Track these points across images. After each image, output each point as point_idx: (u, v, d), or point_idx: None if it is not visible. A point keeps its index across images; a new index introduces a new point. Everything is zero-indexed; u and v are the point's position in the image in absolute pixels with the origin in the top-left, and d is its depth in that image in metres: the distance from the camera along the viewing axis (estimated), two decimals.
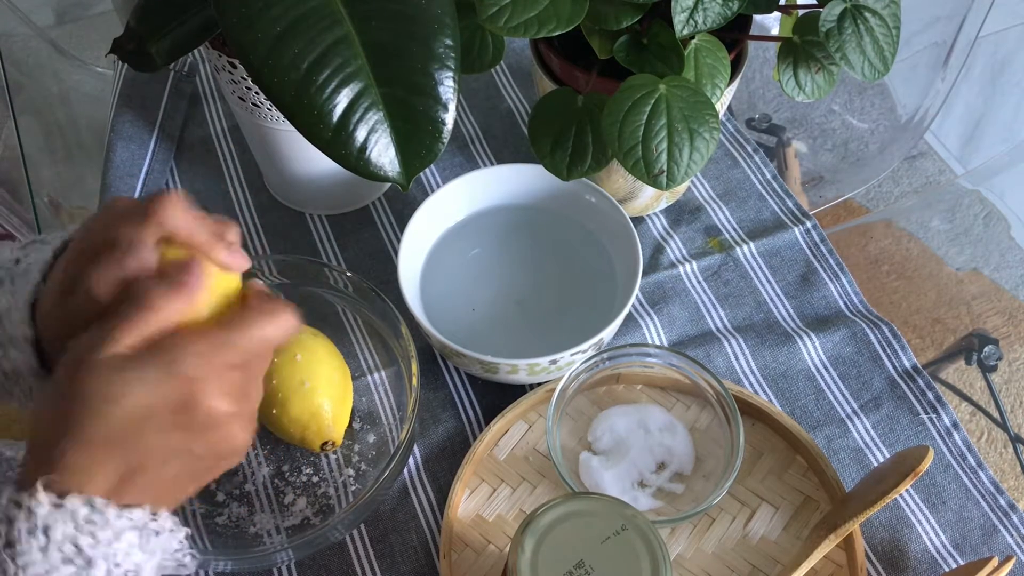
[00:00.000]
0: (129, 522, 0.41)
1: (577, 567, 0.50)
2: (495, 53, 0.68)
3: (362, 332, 0.74)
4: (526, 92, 0.92)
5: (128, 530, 0.41)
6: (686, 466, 0.66)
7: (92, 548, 0.40)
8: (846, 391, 0.73)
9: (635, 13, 0.61)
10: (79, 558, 0.40)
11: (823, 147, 1.34)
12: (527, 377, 0.67)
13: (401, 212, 0.83)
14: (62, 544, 0.39)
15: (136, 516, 0.41)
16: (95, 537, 0.40)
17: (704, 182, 0.85)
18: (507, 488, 0.67)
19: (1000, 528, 0.66)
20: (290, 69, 0.50)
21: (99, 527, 0.40)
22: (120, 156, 0.84)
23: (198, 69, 0.93)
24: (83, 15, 1.81)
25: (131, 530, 0.41)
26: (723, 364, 0.74)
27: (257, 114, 0.71)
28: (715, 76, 0.65)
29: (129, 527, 0.41)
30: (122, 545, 0.41)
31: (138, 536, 0.41)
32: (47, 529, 0.39)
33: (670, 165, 0.62)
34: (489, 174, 0.75)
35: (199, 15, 0.63)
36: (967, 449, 0.70)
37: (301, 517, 0.66)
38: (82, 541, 0.40)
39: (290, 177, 0.79)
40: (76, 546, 0.40)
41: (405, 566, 0.65)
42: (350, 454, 0.68)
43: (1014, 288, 1.14)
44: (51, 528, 0.39)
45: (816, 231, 0.81)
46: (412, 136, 0.52)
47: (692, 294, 0.78)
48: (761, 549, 0.64)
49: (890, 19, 0.63)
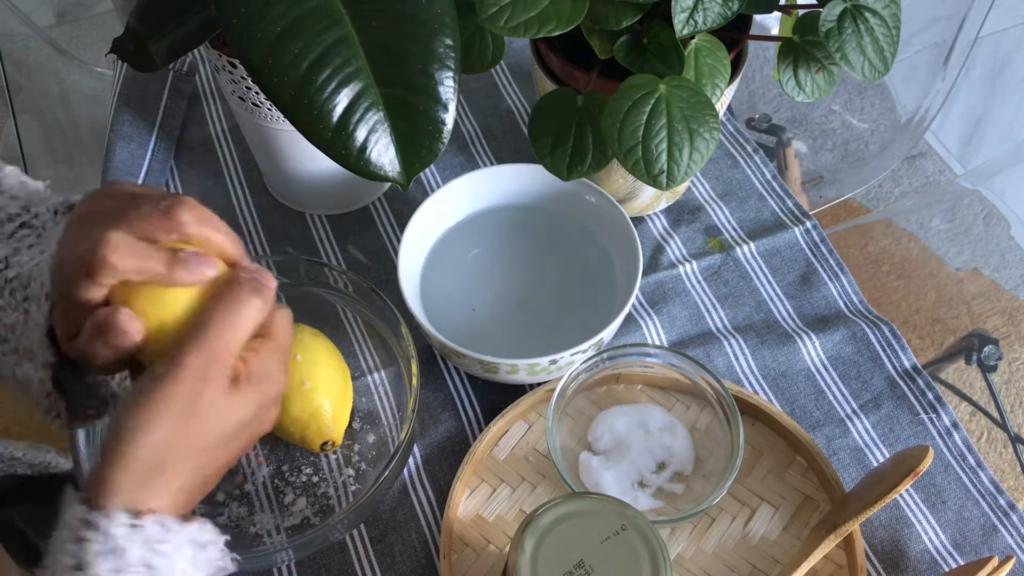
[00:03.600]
0: (187, 536, 0.41)
1: (577, 567, 0.50)
2: (495, 53, 0.68)
3: (362, 332, 0.74)
4: (526, 92, 0.92)
5: (186, 544, 0.41)
6: (686, 466, 0.66)
7: (164, 567, 0.40)
8: (846, 391, 0.73)
9: (635, 13, 0.61)
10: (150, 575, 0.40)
11: (823, 147, 1.34)
12: (527, 377, 0.67)
13: (401, 212, 0.83)
14: (135, 566, 0.39)
15: (192, 530, 0.41)
16: (166, 556, 0.40)
17: (704, 182, 0.85)
18: (507, 488, 0.67)
19: (1000, 528, 0.66)
20: (290, 69, 0.50)
21: (170, 545, 0.40)
22: (120, 156, 0.84)
23: (198, 69, 0.93)
24: (83, 15, 1.81)
25: (188, 544, 0.41)
26: (723, 364, 0.74)
27: (257, 114, 0.71)
28: (715, 76, 0.65)
29: (187, 541, 0.41)
30: (182, 561, 0.41)
31: (192, 549, 0.41)
32: (123, 552, 0.39)
33: (670, 165, 0.62)
34: (489, 174, 0.75)
35: (199, 15, 0.63)
36: (967, 449, 0.70)
37: (301, 517, 0.66)
38: (155, 561, 0.39)
39: (290, 177, 0.79)
40: (147, 566, 0.39)
41: (405, 566, 0.65)
42: (350, 454, 0.68)
43: (1014, 288, 1.14)
44: (127, 550, 0.39)
45: (816, 231, 0.81)
46: (412, 136, 0.52)
47: (692, 294, 0.78)
48: (761, 549, 0.64)
49: (890, 19, 0.63)
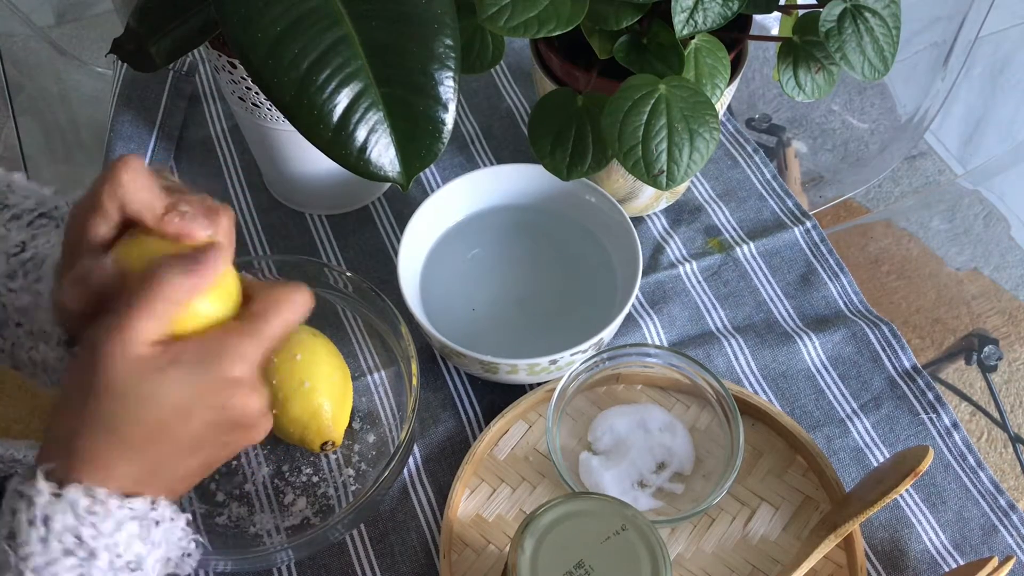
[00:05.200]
0: (130, 512, 0.40)
1: (577, 567, 0.50)
2: (495, 53, 0.68)
3: (362, 332, 0.74)
4: (526, 92, 0.92)
5: (129, 520, 0.40)
6: (686, 466, 0.66)
7: (94, 539, 0.39)
8: (846, 391, 0.73)
9: (635, 13, 0.61)
10: (81, 549, 0.39)
11: (823, 147, 1.34)
12: (527, 377, 0.67)
13: (401, 212, 0.83)
14: (62, 535, 0.39)
15: (137, 506, 0.41)
16: (96, 528, 0.39)
17: (704, 182, 0.85)
18: (507, 488, 0.67)
19: (1000, 528, 0.66)
20: (290, 69, 0.50)
21: (100, 518, 0.39)
22: (120, 156, 0.84)
23: (198, 69, 0.93)
24: (83, 15, 1.81)
25: (132, 520, 0.40)
26: (723, 364, 0.74)
27: (257, 114, 0.71)
28: (715, 76, 0.65)
29: (130, 517, 0.40)
30: (123, 536, 0.40)
31: (139, 526, 0.41)
32: (46, 519, 0.38)
33: (670, 165, 0.62)
34: (489, 174, 0.75)
35: (199, 15, 0.63)
36: (967, 449, 0.70)
37: (301, 517, 0.66)
38: (84, 532, 0.39)
39: (290, 177, 0.79)
40: (77, 537, 0.39)
41: (405, 566, 0.65)
42: (350, 454, 0.68)
43: (1014, 288, 1.14)
44: (51, 518, 0.38)
45: (816, 231, 0.81)
46: (412, 136, 0.52)
47: (692, 294, 0.78)
48: (761, 549, 0.64)
49: (890, 19, 0.63)
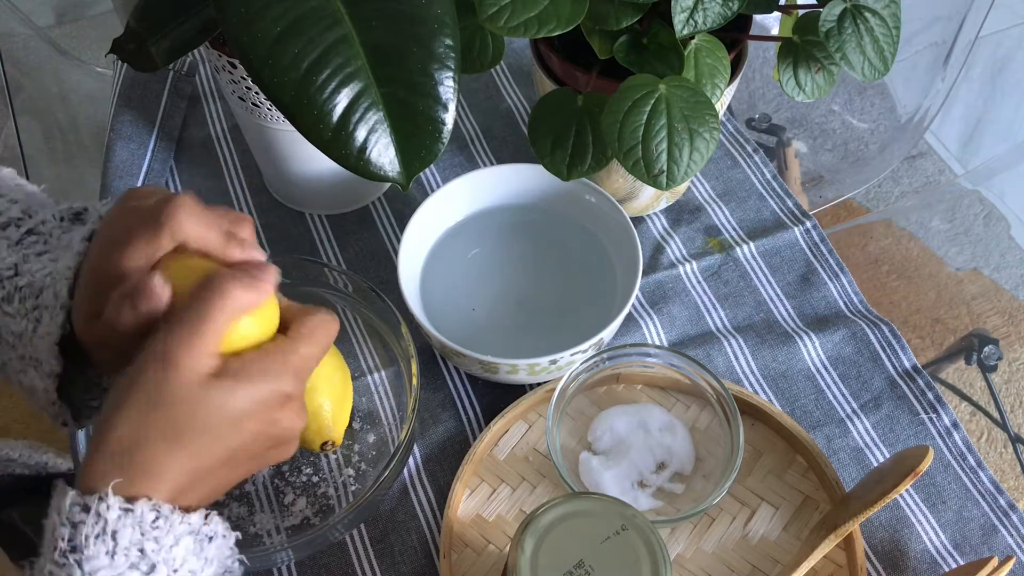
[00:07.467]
0: (188, 527, 0.41)
1: (577, 567, 0.50)
2: (495, 53, 0.68)
3: (362, 332, 0.74)
4: (526, 92, 0.92)
5: (186, 535, 0.41)
6: (686, 466, 0.66)
7: (155, 553, 0.40)
8: (846, 391, 0.73)
9: (635, 13, 0.61)
10: (143, 563, 0.39)
11: (823, 147, 1.34)
12: (527, 377, 0.67)
13: (401, 212, 0.83)
14: (128, 549, 0.39)
15: (193, 521, 0.41)
16: (158, 542, 0.40)
17: (704, 182, 0.85)
18: (507, 488, 0.67)
19: (1000, 528, 0.66)
20: (290, 69, 0.50)
21: (163, 532, 0.40)
22: (120, 156, 0.84)
23: (198, 69, 0.93)
24: (83, 15, 1.81)
25: (188, 535, 0.41)
26: (723, 364, 0.74)
27: (257, 114, 0.71)
28: (715, 76, 0.65)
29: (187, 532, 0.41)
30: (180, 551, 0.40)
31: (193, 541, 0.41)
32: (115, 534, 0.39)
33: (670, 165, 0.62)
34: (489, 174, 0.75)
35: (199, 15, 0.63)
36: (967, 449, 0.70)
37: (301, 517, 0.66)
38: (147, 546, 0.39)
39: (290, 177, 0.79)
40: (140, 551, 0.39)
41: (405, 566, 0.65)
42: (350, 454, 0.68)
43: (1014, 288, 1.14)
44: (119, 533, 0.39)
45: (816, 231, 0.81)
46: (412, 136, 0.52)
47: (692, 294, 0.78)
48: (761, 549, 0.64)
49: (890, 19, 0.63)
